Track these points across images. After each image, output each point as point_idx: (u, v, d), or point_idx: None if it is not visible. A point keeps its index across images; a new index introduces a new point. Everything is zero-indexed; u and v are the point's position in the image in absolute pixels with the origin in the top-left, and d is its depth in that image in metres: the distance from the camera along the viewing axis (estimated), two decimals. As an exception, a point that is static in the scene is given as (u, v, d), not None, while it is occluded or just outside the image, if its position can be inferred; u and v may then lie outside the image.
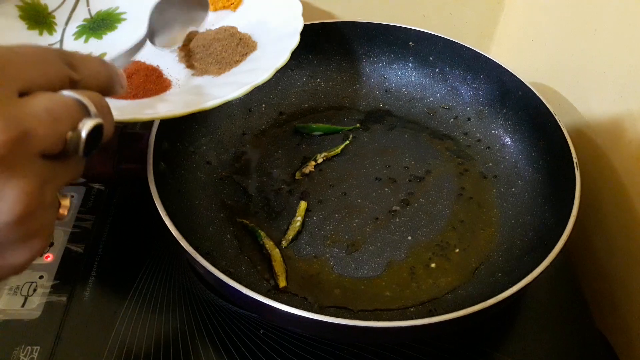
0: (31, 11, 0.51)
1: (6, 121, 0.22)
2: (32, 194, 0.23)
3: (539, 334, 0.47)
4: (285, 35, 0.50)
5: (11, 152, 0.22)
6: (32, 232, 0.24)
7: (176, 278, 0.49)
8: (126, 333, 0.44)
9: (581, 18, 0.55)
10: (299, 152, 0.57)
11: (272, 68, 0.45)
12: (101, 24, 0.54)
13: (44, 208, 0.24)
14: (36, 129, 0.23)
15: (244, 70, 0.48)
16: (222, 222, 0.51)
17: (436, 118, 0.62)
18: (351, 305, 0.45)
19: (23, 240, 0.24)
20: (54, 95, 0.25)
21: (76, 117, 0.25)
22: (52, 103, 0.24)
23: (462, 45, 0.60)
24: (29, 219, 0.23)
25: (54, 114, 0.24)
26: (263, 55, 0.50)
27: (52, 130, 0.24)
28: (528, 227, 0.50)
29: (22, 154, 0.22)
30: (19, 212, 0.23)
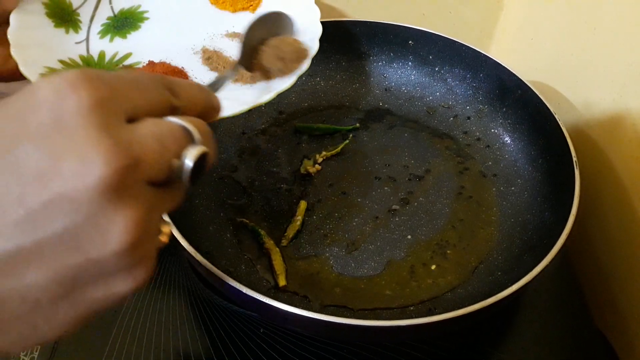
0: (56, 9, 0.51)
1: (119, 147, 0.22)
2: (140, 222, 0.22)
3: (539, 333, 0.47)
4: (304, 41, 0.50)
5: (123, 180, 0.22)
6: (137, 261, 0.23)
7: (176, 277, 0.49)
8: (126, 333, 0.44)
9: (581, 17, 0.55)
10: (298, 151, 0.57)
11: (295, 74, 0.47)
12: (125, 22, 0.54)
13: (149, 237, 0.24)
14: (146, 156, 0.23)
15: None
16: (222, 221, 0.51)
17: (436, 117, 0.62)
18: (351, 304, 0.45)
19: (130, 269, 0.23)
20: (160, 121, 0.24)
21: (182, 144, 0.25)
22: (160, 129, 0.24)
23: (461, 44, 0.60)
24: (136, 248, 0.23)
25: (162, 141, 0.24)
26: None
27: (161, 158, 0.24)
28: (528, 226, 0.50)
29: (132, 182, 0.22)
30: (127, 241, 0.22)
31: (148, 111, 0.25)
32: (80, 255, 0.22)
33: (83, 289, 0.23)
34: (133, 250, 0.23)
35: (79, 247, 0.22)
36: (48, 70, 0.45)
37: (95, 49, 0.51)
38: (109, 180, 0.21)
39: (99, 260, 0.22)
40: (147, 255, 0.24)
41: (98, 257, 0.22)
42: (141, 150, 0.23)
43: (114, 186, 0.21)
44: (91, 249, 0.22)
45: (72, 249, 0.22)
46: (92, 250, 0.22)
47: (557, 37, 0.61)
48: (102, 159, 0.21)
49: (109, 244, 0.22)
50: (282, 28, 0.49)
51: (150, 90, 0.25)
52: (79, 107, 0.21)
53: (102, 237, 0.22)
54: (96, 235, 0.22)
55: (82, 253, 0.22)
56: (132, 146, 0.22)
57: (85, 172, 0.21)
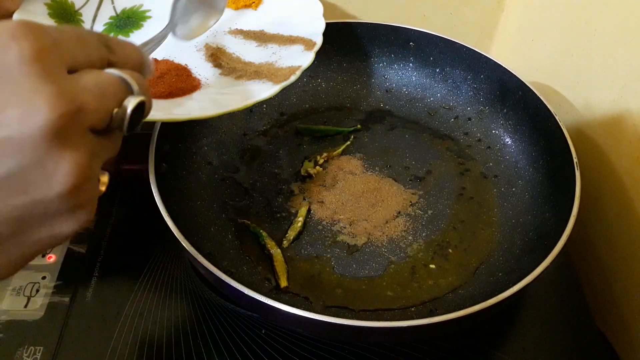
0: (59, 9, 0.51)
1: (62, 95, 0.22)
2: (83, 166, 0.24)
3: (540, 334, 0.47)
4: (308, 36, 0.50)
5: (66, 125, 0.23)
6: (80, 203, 0.25)
7: (178, 278, 0.49)
8: (129, 333, 0.45)
9: (581, 18, 0.55)
10: (300, 153, 0.58)
11: (299, 70, 0.47)
12: (127, 22, 0.54)
13: (91, 181, 0.25)
14: (88, 104, 0.24)
15: None
16: (224, 222, 0.51)
17: (437, 118, 0.62)
18: (352, 305, 0.45)
19: (72, 211, 0.24)
20: (101, 72, 0.26)
21: (121, 94, 0.26)
22: (100, 80, 0.25)
23: (462, 45, 0.60)
24: (79, 191, 0.24)
25: (103, 90, 0.25)
26: (288, 56, 0.50)
27: (102, 106, 0.25)
28: (528, 227, 0.50)
29: (75, 127, 0.23)
30: (71, 183, 0.23)
31: (87, 64, 0.26)
32: (26, 196, 0.23)
33: (28, 230, 0.24)
34: (76, 192, 0.24)
35: (25, 188, 0.23)
36: None
37: None
38: (53, 125, 0.22)
39: (44, 201, 0.23)
40: (89, 198, 0.25)
41: (43, 198, 0.23)
42: (83, 97, 0.24)
43: (58, 130, 0.22)
44: (36, 190, 0.23)
45: (18, 190, 0.23)
46: (37, 192, 0.23)
47: (558, 38, 0.61)
48: (45, 105, 0.22)
49: (54, 185, 0.23)
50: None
51: (89, 44, 0.26)
52: (21, 55, 0.22)
53: (46, 179, 0.23)
54: (41, 177, 0.23)
55: (28, 194, 0.23)
56: (75, 93, 0.23)
57: (30, 118, 0.22)
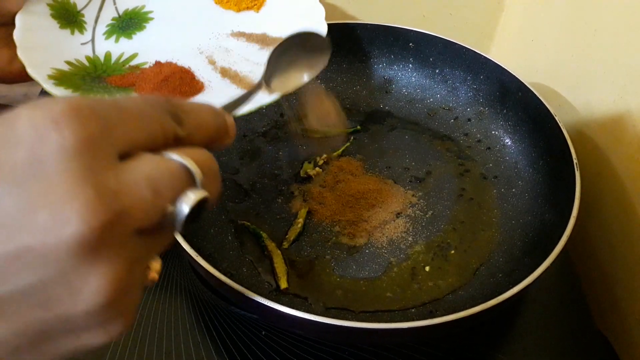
0: (61, 10, 0.51)
1: (101, 201, 0.19)
2: (119, 280, 0.20)
3: (540, 335, 0.47)
4: None
5: (102, 236, 0.19)
6: (113, 317, 0.21)
7: (178, 280, 0.49)
8: (128, 335, 0.44)
9: (581, 18, 0.55)
10: (299, 154, 0.58)
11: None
12: (130, 23, 0.54)
13: (130, 291, 0.21)
14: (135, 207, 0.20)
15: None
16: (224, 223, 0.51)
17: (436, 119, 0.62)
18: (352, 307, 0.45)
19: (102, 325, 0.21)
20: (158, 160, 0.21)
21: (180, 187, 0.22)
22: (155, 171, 0.21)
23: (462, 46, 0.60)
24: (112, 306, 0.20)
25: (156, 187, 0.21)
26: None
27: (152, 207, 0.21)
28: (528, 228, 0.50)
29: (113, 236, 0.19)
30: (100, 301, 0.20)
31: (147, 145, 0.22)
32: (48, 312, 0.20)
33: (50, 342, 0.21)
34: (108, 308, 0.20)
35: (47, 304, 0.20)
36: (55, 71, 0.46)
37: (101, 50, 0.51)
38: (84, 238, 0.19)
39: (69, 318, 0.20)
40: (126, 309, 0.21)
41: (67, 315, 0.20)
42: (130, 200, 0.20)
43: (90, 244, 0.19)
44: (60, 307, 0.20)
45: (38, 305, 0.19)
46: (60, 308, 0.20)
47: (558, 38, 0.61)
48: (79, 214, 0.18)
49: (80, 303, 0.20)
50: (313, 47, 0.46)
51: (151, 120, 0.22)
52: (61, 149, 0.19)
53: (72, 296, 0.19)
54: (65, 294, 0.19)
55: (50, 310, 0.20)
56: (119, 197, 0.20)
57: (59, 227, 0.18)
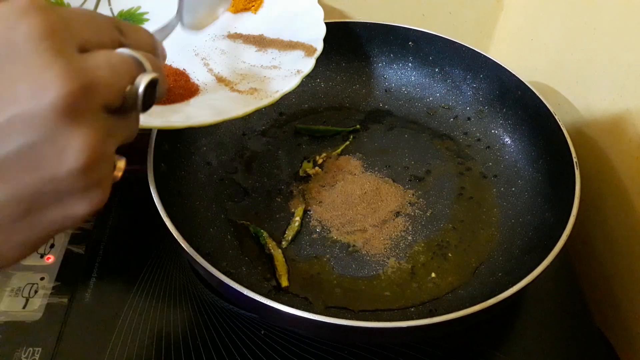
0: None
1: (73, 72, 0.22)
2: (96, 144, 0.23)
3: (539, 334, 0.47)
4: (308, 42, 0.50)
5: (77, 102, 0.22)
6: (93, 182, 0.24)
7: (177, 279, 0.49)
8: (127, 334, 0.44)
9: (580, 17, 0.55)
10: (299, 153, 0.57)
11: (299, 76, 0.47)
12: None
13: (105, 160, 0.24)
14: (99, 81, 0.23)
15: None
16: (223, 222, 0.51)
17: (436, 118, 0.62)
18: (352, 306, 0.45)
19: (85, 190, 0.24)
20: (112, 52, 0.26)
21: (134, 72, 0.26)
22: (112, 58, 0.25)
23: (461, 45, 0.60)
24: (92, 170, 0.24)
25: (115, 68, 0.25)
26: (288, 62, 0.50)
27: (114, 84, 0.24)
28: (528, 227, 0.50)
29: (87, 104, 0.23)
30: (83, 160, 0.23)
31: (98, 44, 0.25)
32: (38, 174, 0.23)
33: (41, 209, 0.24)
34: (88, 171, 0.23)
35: (36, 165, 0.22)
36: None
37: None
38: (64, 100, 0.22)
39: (56, 179, 0.23)
40: (103, 178, 0.25)
41: (54, 175, 0.23)
42: (95, 75, 0.23)
43: (70, 107, 0.22)
44: (48, 167, 0.23)
45: (29, 167, 0.22)
46: (48, 169, 0.23)
47: (557, 37, 0.61)
48: (56, 80, 0.22)
49: (65, 162, 0.23)
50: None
51: (101, 25, 0.26)
52: (31, 32, 0.22)
53: (58, 155, 0.22)
54: (52, 153, 0.22)
55: (40, 171, 0.23)
56: (86, 70, 0.23)
57: (40, 93, 0.22)
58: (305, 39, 0.51)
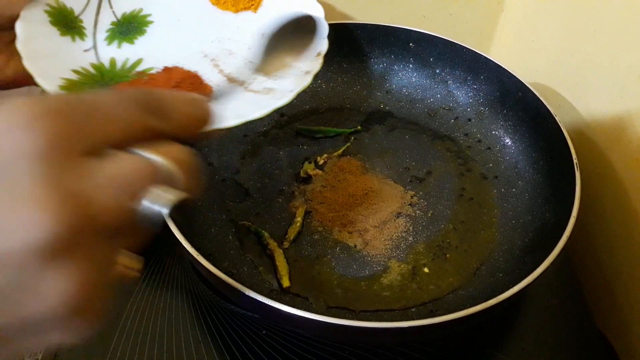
0: (59, 16, 0.50)
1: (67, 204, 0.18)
2: (86, 283, 0.19)
3: (540, 334, 0.47)
4: None
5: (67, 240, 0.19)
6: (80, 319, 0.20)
7: (179, 279, 0.49)
8: (129, 334, 0.45)
9: (581, 19, 0.55)
10: (300, 154, 0.58)
11: (309, 76, 0.48)
12: (129, 27, 0.54)
13: (99, 292, 0.20)
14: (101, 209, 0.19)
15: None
16: (224, 223, 0.51)
17: (437, 119, 0.62)
18: (353, 306, 0.45)
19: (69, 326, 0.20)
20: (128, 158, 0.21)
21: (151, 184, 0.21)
22: (126, 170, 0.20)
23: (462, 46, 0.60)
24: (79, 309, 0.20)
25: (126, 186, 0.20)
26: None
27: (122, 208, 0.20)
28: (528, 228, 0.50)
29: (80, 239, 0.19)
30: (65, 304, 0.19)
31: (122, 140, 0.21)
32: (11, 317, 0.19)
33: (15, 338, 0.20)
34: (75, 310, 0.20)
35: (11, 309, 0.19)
36: (65, 81, 0.45)
37: (105, 56, 0.51)
38: (47, 243, 0.18)
39: (34, 322, 0.20)
40: (95, 310, 0.21)
41: (31, 317, 0.19)
42: (96, 202, 0.19)
43: (54, 249, 0.18)
44: (23, 310, 0.19)
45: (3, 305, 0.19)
46: (24, 311, 0.19)
47: (557, 39, 0.61)
48: (43, 218, 0.18)
49: (44, 307, 0.19)
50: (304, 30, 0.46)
51: (126, 115, 0.22)
52: (29, 150, 0.19)
53: (35, 300, 0.19)
54: (28, 298, 0.19)
55: (13, 313, 0.19)
56: (84, 200, 0.19)
57: (22, 232, 0.18)
58: None
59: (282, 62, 0.44)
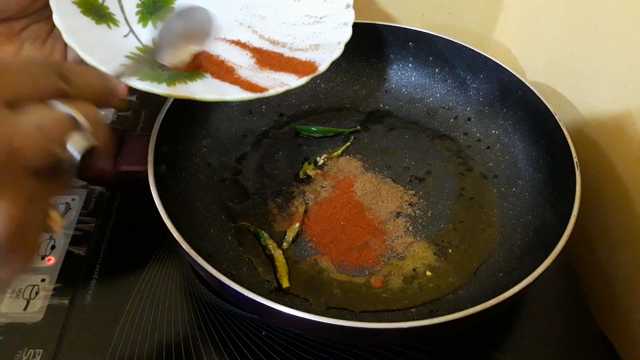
0: (87, 6, 0.48)
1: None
2: (17, 216, 0.22)
3: (540, 334, 0.47)
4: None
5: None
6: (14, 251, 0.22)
7: (178, 280, 0.49)
8: (128, 336, 0.44)
9: (581, 17, 0.55)
10: (299, 154, 0.57)
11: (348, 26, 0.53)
12: (155, 5, 0.53)
13: (28, 229, 0.23)
14: (25, 146, 0.22)
15: None
16: (223, 224, 0.51)
17: (436, 118, 0.62)
18: (352, 307, 0.45)
19: (4, 260, 0.22)
20: (43, 108, 0.24)
21: (66, 132, 0.24)
22: (42, 117, 0.23)
23: (461, 45, 0.60)
24: (12, 240, 0.22)
25: (44, 130, 0.23)
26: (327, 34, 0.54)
27: (42, 147, 0.23)
28: (529, 227, 0.50)
29: (8, 172, 0.21)
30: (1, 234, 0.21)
31: (34, 97, 0.24)
32: None
33: None
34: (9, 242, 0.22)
35: None
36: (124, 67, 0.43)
37: (146, 39, 0.50)
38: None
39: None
40: (27, 244, 0.23)
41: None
42: (19, 139, 0.22)
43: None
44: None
45: None
46: None
47: (557, 37, 0.61)
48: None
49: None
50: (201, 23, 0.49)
51: (37, 75, 0.24)
52: None
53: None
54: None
55: None
56: (8, 135, 0.22)
57: None
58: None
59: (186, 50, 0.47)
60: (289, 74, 0.49)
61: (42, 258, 0.49)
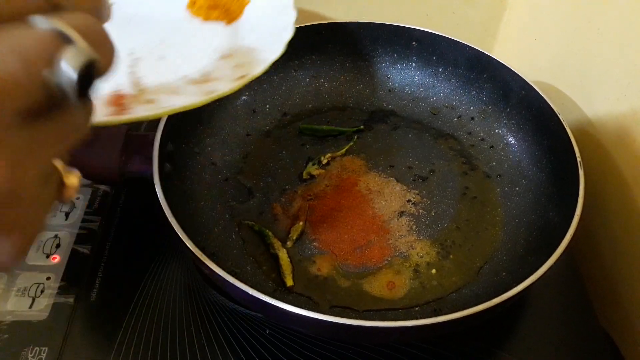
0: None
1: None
2: (10, 179, 0.17)
3: (543, 333, 0.47)
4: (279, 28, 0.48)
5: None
6: (8, 227, 0.18)
7: (182, 279, 0.49)
8: (133, 334, 0.45)
9: (584, 17, 0.55)
10: (303, 153, 0.58)
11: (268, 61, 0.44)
12: None
13: (23, 195, 0.18)
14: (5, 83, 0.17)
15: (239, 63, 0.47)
16: (227, 222, 0.51)
17: (440, 117, 0.62)
18: (356, 305, 0.45)
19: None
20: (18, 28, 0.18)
21: (54, 50, 0.18)
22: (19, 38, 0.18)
23: (465, 45, 0.60)
24: (5, 212, 0.17)
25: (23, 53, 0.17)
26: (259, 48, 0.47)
27: (24, 76, 0.17)
28: (532, 227, 0.50)
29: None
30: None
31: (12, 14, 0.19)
32: None
33: None
34: None
35: None
36: None
37: None
38: None
39: None
40: (18, 223, 0.18)
41: None
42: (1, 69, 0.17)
43: None
44: None
45: None
46: None
47: (561, 37, 0.61)
48: None
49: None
50: None
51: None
52: None
53: None
54: None
55: None
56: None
57: None
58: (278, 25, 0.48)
59: None
60: None
61: (47, 256, 0.49)
